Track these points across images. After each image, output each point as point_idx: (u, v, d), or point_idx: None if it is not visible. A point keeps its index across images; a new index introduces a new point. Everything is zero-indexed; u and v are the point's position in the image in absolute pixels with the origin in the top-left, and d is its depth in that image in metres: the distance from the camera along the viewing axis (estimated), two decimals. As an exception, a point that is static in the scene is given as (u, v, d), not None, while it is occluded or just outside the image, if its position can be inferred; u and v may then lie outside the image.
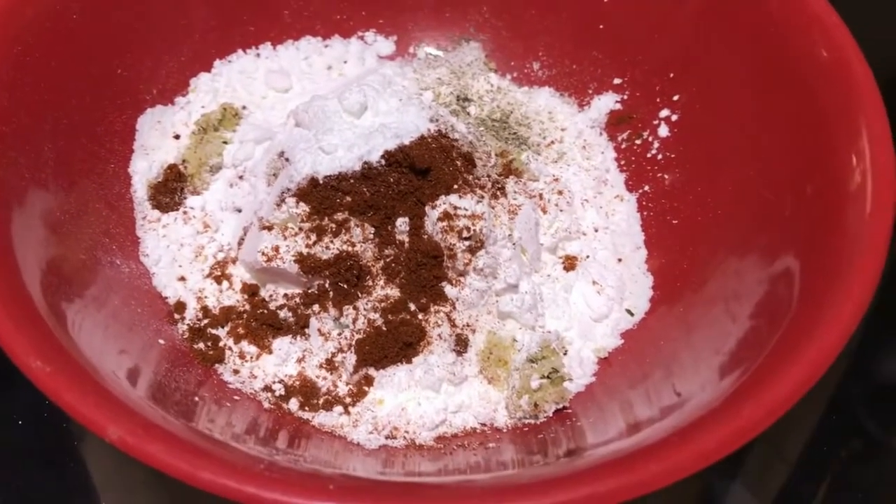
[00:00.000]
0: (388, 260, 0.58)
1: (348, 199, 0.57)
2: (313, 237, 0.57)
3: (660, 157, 0.71)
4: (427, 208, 0.58)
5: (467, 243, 0.57)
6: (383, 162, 0.57)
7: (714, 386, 0.49)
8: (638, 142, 0.73)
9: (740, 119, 0.63)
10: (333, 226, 0.57)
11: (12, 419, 0.65)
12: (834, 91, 0.55)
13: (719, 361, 0.52)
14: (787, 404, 0.43)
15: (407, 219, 0.58)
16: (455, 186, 0.59)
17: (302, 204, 0.57)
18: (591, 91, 0.76)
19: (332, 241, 0.57)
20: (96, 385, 0.43)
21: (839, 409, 0.70)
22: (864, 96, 0.53)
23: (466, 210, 0.58)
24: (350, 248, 0.57)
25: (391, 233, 0.58)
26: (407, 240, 0.58)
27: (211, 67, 0.73)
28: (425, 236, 0.58)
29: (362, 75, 0.74)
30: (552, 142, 0.74)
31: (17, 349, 0.42)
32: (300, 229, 0.57)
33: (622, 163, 0.74)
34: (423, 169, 0.57)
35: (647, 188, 0.71)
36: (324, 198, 0.57)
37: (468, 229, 0.57)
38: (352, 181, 0.57)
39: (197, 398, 0.52)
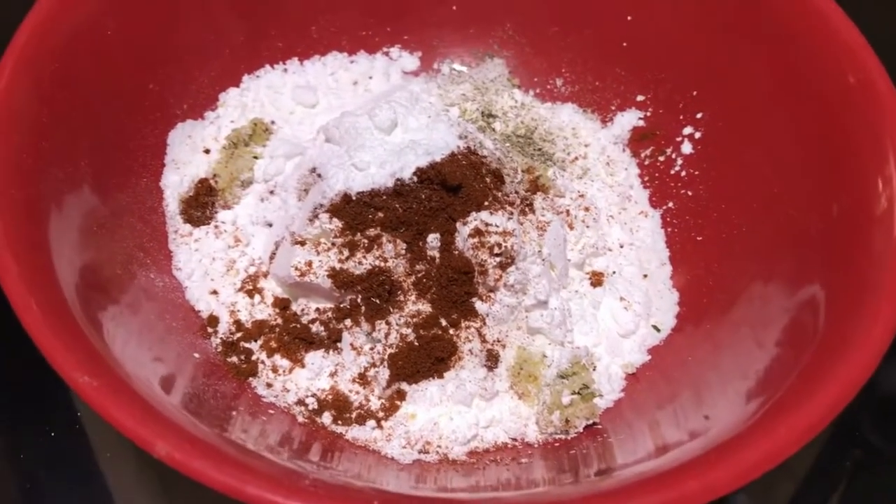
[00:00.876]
0: (419, 275, 0.58)
1: (381, 214, 0.58)
2: (346, 252, 0.58)
3: (683, 173, 0.71)
4: (458, 225, 0.58)
5: (498, 259, 0.58)
6: (415, 178, 0.58)
7: (741, 409, 0.50)
8: (661, 158, 0.73)
9: (764, 137, 0.64)
10: (366, 241, 0.58)
11: (44, 431, 0.66)
12: (860, 114, 0.55)
13: (746, 386, 0.52)
14: (813, 431, 0.44)
15: (438, 235, 0.58)
16: (485, 203, 0.59)
17: (335, 219, 0.58)
18: (613, 108, 0.77)
19: (364, 257, 0.58)
20: (143, 401, 0.44)
21: (844, 421, 0.70)
22: (890, 121, 0.53)
23: (497, 227, 0.58)
24: (382, 264, 0.58)
25: (422, 249, 0.58)
26: (438, 256, 0.58)
27: (239, 82, 0.74)
28: (456, 252, 0.58)
29: (389, 91, 0.74)
30: (576, 158, 0.74)
31: (65, 365, 0.43)
32: (333, 244, 0.58)
33: (646, 179, 0.74)
34: (454, 186, 0.58)
35: (671, 204, 0.72)
36: (356, 213, 0.58)
37: (499, 246, 0.58)
38: (384, 197, 0.57)
39: (234, 412, 0.53)
